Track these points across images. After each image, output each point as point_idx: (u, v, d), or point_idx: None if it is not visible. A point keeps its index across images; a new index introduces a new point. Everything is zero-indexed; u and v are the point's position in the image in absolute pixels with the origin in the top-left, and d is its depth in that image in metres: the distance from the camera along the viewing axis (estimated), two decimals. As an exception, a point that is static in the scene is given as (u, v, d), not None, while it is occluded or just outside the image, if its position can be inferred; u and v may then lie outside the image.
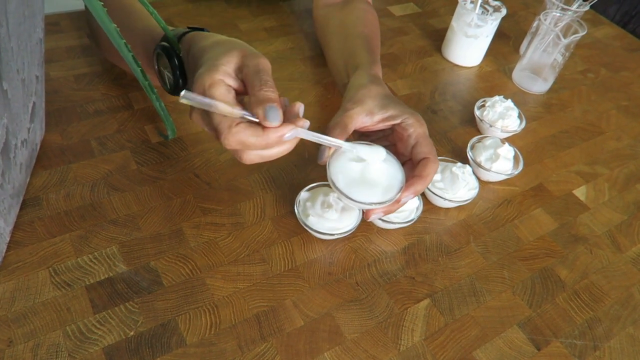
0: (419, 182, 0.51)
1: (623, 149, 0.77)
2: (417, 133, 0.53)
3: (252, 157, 0.45)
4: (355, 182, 0.50)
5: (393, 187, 0.50)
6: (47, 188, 0.56)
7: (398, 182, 0.51)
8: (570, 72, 0.90)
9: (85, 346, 0.45)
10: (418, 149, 0.53)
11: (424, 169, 0.51)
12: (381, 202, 0.49)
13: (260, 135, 0.42)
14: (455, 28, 0.84)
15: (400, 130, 0.54)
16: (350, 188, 0.49)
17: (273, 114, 0.42)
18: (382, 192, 0.50)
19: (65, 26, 0.78)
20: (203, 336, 0.47)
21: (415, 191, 0.51)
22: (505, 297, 0.55)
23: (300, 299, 0.51)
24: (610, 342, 0.53)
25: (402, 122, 0.53)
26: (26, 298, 0.48)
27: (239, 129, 0.42)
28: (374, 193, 0.49)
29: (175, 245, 0.54)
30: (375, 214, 0.51)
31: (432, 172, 0.52)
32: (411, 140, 0.53)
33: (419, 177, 0.51)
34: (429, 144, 0.53)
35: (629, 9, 1.47)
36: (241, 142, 0.43)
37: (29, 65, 0.50)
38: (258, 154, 0.45)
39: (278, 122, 0.42)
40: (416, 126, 0.53)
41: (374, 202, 0.49)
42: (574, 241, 0.62)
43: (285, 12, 0.91)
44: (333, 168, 0.50)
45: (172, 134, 0.52)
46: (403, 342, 0.50)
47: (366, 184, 0.50)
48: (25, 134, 0.51)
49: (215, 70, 0.43)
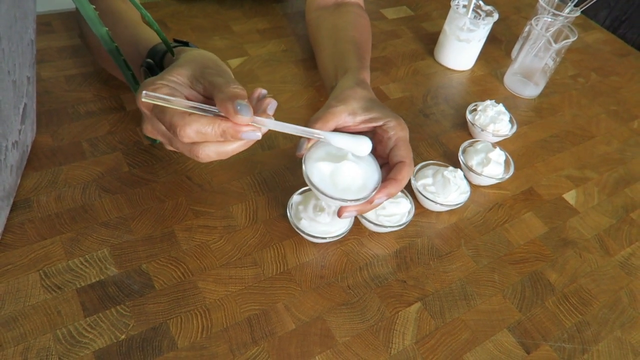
0: (393, 184, 0.51)
1: (612, 153, 0.77)
2: (397, 136, 0.53)
3: (208, 153, 0.43)
4: (331, 177, 0.50)
5: (367, 187, 0.50)
6: (37, 190, 0.56)
7: (373, 182, 0.51)
8: (561, 76, 0.91)
9: (75, 350, 0.45)
10: (395, 151, 0.53)
11: (399, 172, 0.52)
12: (354, 200, 0.49)
13: (217, 124, 0.41)
14: (448, 32, 0.84)
15: (381, 132, 0.54)
16: (324, 183, 0.49)
17: (244, 108, 0.41)
18: (357, 190, 0.50)
19: (56, 26, 0.78)
20: (194, 340, 0.47)
21: (389, 193, 0.51)
22: (496, 300, 0.56)
23: (292, 302, 0.52)
24: (599, 345, 0.54)
25: (384, 124, 0.54)
26: (16, 301, 0.47)
27: (194, 118, 0.41)
28: (348, 190, 0.50)
29: (167, 248, 0.54)
30: (348, 212, 0.50)
31: (407, 176, 0.52)
32: (390, 142, 0.54)
33: (394, 180, 0.51)
34: (407, 149, 0.53)
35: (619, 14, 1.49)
36: (197, 131, 0.41)
37: (20, 67, 0.49)
38: (215, 149, 0.43)
39: (249, 117, 0.41)
40: (397, 129, 0.53)
41: (346, 199, 0.49)
42: (563, 245, 0.63)
43: (278, 14, 0.91)
44: (309, 161, 0.50)
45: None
46: (394, 345, 0.50)
47: (341, 181, 0.50)
48: (16, 136, 0.51)
49: (160, 78, 0.43)
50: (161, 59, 0.54)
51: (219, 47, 0.81)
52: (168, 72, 0.45)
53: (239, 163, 0.63)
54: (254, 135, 0.43)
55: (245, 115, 0.41)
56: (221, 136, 0.42)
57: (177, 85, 0.44)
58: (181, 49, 0.53)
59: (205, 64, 0.46)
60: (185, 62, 0.46)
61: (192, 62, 0.46)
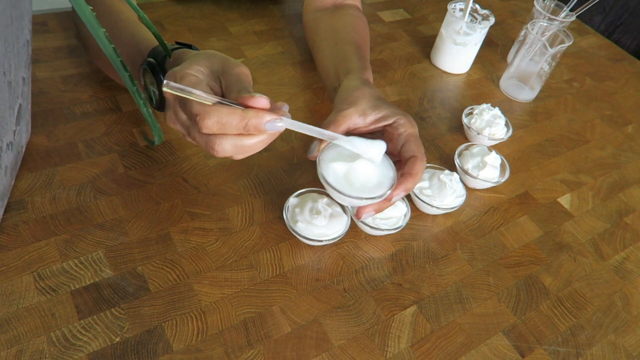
0: (409, 179, 0.51)
1: (607, 158, 0.78)
2: (407, 133, 0.54)
3: (225, 146, 0.43)
4: (346, 177, 0.50)
5: (384, 185, 0.50)
6: (32, 191, 0.56)
7: (389, 179, 0.51)
8: (556, 80, 0.91)
9: (70, 352, 0.45)
10: (407, 147, 0.53)
11: (413, 166, 0.52)
12: (372, 198, 0.49)
13: (239, 114, 0.41)
14: (444, 35, 0.84)
15: (391, 130, 0.54)
16: (341, 183, 0.49)
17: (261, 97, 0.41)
18: (373, 188, 0.50)
19: (53, 26, 0.77)
20: (189, 342, 0.47)
21: (406, 189, 0.51)
22: (491, 304, 0.56)
23: (287, 306, 0.52)
24: (593, 349, 0.54)
25: (394, 122, 0.54)
26: (9, 303, 0.47)
27: (217, 108, 0.41)
28: (365, 189, 0.50)
29: (163, 250, 0.53)
30: (367, 213, 0.51)
31: (421, 170, 0.52)
32: (401, 139, 0.54)
33: (409, 174, 0.51)
34: (418, 143, 0.54)
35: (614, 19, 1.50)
36: (218, 121, 0.41)
37: (16, 68, 0.49)
38: (232, 142, 0.43)
39: (267, 102, 0.41)
40: (407, 126, 0.54)
41: (364, 197, 0.49)
42: (558, 249, 0.63)
43: (275, 16, 0.91)
44: (324, 163, 0.50)
45: (158, 140, 0.51)
46: (390, 349, 0.50)
47: (357, 180, 0.50)
48: (10, 137, 0.50)
49: (187, 67, 0.44)
50: (163, 59, 0.54)
51: (216, 49, 0.80)
52: (192, 62, 0.44)
53: (236, 165, 0.63)
54: (276, 126, 0.42)
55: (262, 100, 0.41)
56: (244, 128, 0.42)
57: (201, 75, 0.44)
58: (186, 50, 0.53)
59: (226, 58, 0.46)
60: (206, 57, 0.46)
61: (215, 56, 0.46)
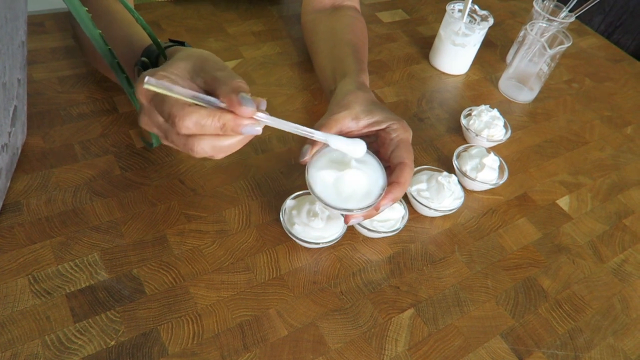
0: (397, 188, 0.51)
1: (606, 159, 0.78)
2: (399, 138, 0.53)
3: (204, 147, 0.42)
4: (334, 186, 0.49)
5: (372, 193, 0.50)
6: (28, 193, 0.55)
7: (378, 187, 0.50)
8: (555, 81, 0.91)
9: (64, 356, 0.44)
10: (396, 152, 0.53)
11: (401, 174, 0.51)
12: (359, 209, 0.49)
13: (217, 116, 0.41)
14: (443, 36, 0.84)
15: (384, 135, 0.54)
16: (328, 192, 0.49)
17: (248, 101, 0.40)
18: (361, 197, 0.49)
19: (49, 27, 0.77)
20: (185, 346, 0.47)
21: (394, 198, 0.51)
22: (489, 307, 0.55)
23: (284, 309, 0.51)
24: (591, 352, 0.54)
25: (387, 127, 0.53)
26: (4, 306, 0.47)
27: (194, 109, 0.40)
28: (352, 197, 0.49)
29: (159, 252, 0.53)
30: (354, 219, 0.50)
31: (409, 178, 0.52)
32: (392, 144, 0.53)
33: (397, 183, 0.51)
34: (408, 150, 0.53)
35: (613, 19, 1.49)
36: (196, 122, 0.40)
37: (11, 69, 0.49)
38: (211, 143, 0.42)
39: (253, 110, 0.41)
40: (400, 132, 0.53)
41: (350, 209, 0.49)
42: (557, 251, 0.63)
43: (273, 17, 0.90)
44: (312, 170, 0.50)
45: (156, 142, 0.51)
46: (387, 352, 0.50)
47: (345, 189, 0.49)
48: (5, 139, 0.50)
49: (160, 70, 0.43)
50: (157, 58, 0.53)
51: (213, 49, 0.80)
52: (168, 64, 0.44)
53: (233, 167, 0.63)
54: (254, 130, 0.42)
55: (249, 107, 0.40)
56: (221, 129, 0.41)
57: (177, 77, 0.43)
58: (178, 47, 0.53)
59: (205, 58, 0.46)
60: (186, 57, 0.46)
61: (192, 57, 0.46)
